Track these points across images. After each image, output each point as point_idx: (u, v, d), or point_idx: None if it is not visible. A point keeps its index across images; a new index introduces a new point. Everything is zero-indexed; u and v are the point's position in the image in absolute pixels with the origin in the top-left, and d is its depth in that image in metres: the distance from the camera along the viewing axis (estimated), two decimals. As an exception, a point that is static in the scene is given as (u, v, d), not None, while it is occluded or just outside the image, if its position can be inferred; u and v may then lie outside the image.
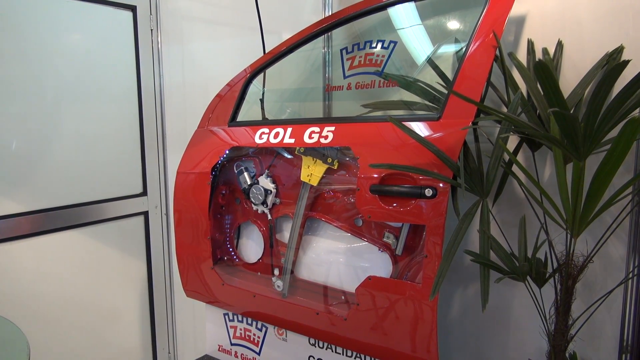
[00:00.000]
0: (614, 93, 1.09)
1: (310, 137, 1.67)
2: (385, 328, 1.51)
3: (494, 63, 1.45)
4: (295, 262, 1.85)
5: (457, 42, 1.74)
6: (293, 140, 1.71)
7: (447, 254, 1.29)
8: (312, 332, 1.73)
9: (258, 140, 1.80)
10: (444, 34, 1.81)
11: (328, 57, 2.20)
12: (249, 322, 1.98)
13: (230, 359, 2.07)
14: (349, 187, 1.71)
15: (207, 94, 2.11)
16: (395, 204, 1.44)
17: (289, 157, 1.87)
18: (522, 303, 1.78)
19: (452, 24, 1.80)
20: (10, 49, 1.91)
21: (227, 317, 2.05)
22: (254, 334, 1.97)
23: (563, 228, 1.29)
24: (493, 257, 1.39)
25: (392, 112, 1.89)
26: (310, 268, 1.85)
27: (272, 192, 1.85)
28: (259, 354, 1.97)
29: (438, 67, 1.65)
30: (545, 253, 1.46)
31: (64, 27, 2.08)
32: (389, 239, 1.63)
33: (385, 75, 1.78)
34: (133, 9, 2.30)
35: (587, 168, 1.17)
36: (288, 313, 1.76)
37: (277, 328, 1.89)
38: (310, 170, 1.73)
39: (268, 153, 1.93)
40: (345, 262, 1.77)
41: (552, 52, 1.62)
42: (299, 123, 1.74)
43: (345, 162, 1.71)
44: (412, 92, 1.72)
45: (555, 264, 1.40)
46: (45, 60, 2.03)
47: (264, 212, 1.90)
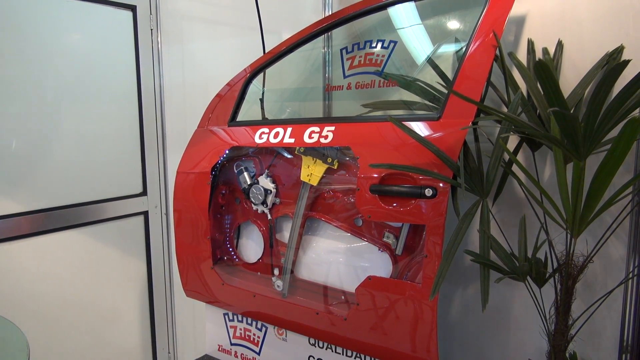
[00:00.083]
0: (614, 93, 1.09)
1: (310, 137, 1.67)
2: (385, 328, 1.50)
3: (494, 63, 1.45)
4: (295, 262, 1.85)
5: (457, 41, 1.74)
6: (293, 140, 1.71)
7: (447, 254, 1.29)
8: (312, 332, 1.73)
9: (258, 140, 1.80)
10: (444, 34, 1.81)
11: (328, 56, 2.20)
12: (249, 322, 1.98)
13: (230, 359, 2.07)
14: (349, 187, 1.71)
15: (207, 94, 2.11)
16: (395, 204, 1.44)
17: (289, 156, 1.86)
18: (522, 303, 1.78)
19: (452, 24, 1.80)
20: (10, 49, 1.91)
21: (227, 317, 2.05)
22: (254, 334, 1.97)
23: (563, 228, 1.29)
24: (493, 257, 1.39)
25: (392, 111, 1.88)
26: (310, 268, 1.85)
27: (272, 192, 1.85)
28: (259, 354, 1.97)
29: (438, 66, 1.65)
30: (545, 253, 1.46)
31: (64, 27, 2.08)
32: (389, 239, 1.63)
33: (385, 75, 1.78)
34: (133, 9, 2.30)
35: (587, 168, 1.17)
36: (288, 313, 1.76)
37: (277, 328, 1.89)
38: (310, 170, 1.73)
39: (268, 153, 1.93)
40: (345, 262, 1.76)
41: (552, 51, 1.62)
42: (299, 123, 1.74)
43: (345, 162, 1.71)
44: (412, 92, 1.72)
45: (555, 264, 1.40)
46: (45, 60, 2.02)
47: (264, 212, 1.90)
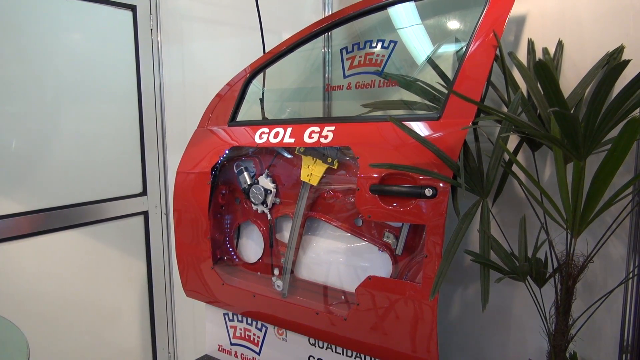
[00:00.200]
0: (615, 93, 1.09)
1: (310, 136, 1.67)
2: (385, 328, 1.50)
3: (494, 63, 1.45)
4: (295, 262, 1.85)
5: (457, 41, 1.74)
6: (293, 140, 1.71)
7: (447, 254, 1.29)
8: (312, 332, 1.73)
9: (258, 140, 1.80)
10: (444, 34, 1.81)
11: (328, 56, 2.20)
12: (249, 322, 1.98)
13: (230, 359, 2.07)
14: (349, 186, 1.71)
15: (207, 94, 2.10)
16: (395, 204, 1.44)
17: (289, 156, 1.86)
18: (522, 303, 1.78)
19: (452, 24, 1.80)
20: (10, 49, 1.91)
21: (227, 317, 2.05)
22: (254, 334, 1.97)
23: (563, 228, 1.29)
24: (493, 257, 1.39)
25: (392, 111, 1.88)
26: (310, 268, 1.85)
27: (272, 191, 1.85)
28: (259, 354, 1.97)
29: (438, 66, 1.65)
30: (546, 253, 1.46)
31: (64, 27, 2.08)
32: (389, 239, 1.62)
33: (385, 75, 1.78)
34: (133, 9, 2.30)
35: (587, 168, 1.17)
36: (288, 313, 1.76)
37: (277, 328, 1.89)
38: (310, 170, 1.73)
39: (268, 153, 1.93)
40: (345, 262, 1.76)
41: (552, 51, 1.61)
42: (299, 123, 1.74)
43: (345, 161, 1.71)
44: (412, 91, 1.72)
45: (556, 264, 1.40)
46: (45, 60, 2.02)
47: (264, 211, 1.90)
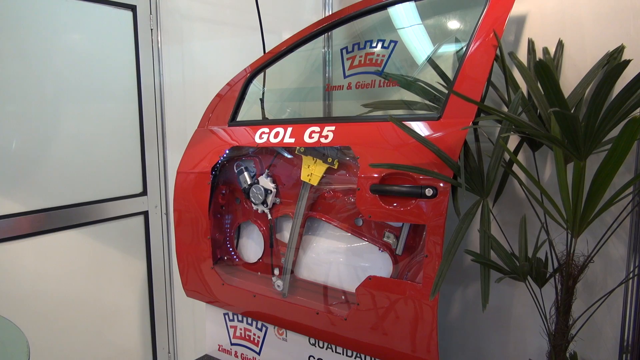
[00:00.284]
0: (615, 93, 1.09)
1: (311, 136, 1.67)
2: (386, 328, 1.50)
3: (495, 62, 1.45)
4: (296, 262, 1.85)
5: (457, 41, 1.74)
6: (293, 140, 1.71)
7: (447, 254, 1.29)
8: (312, 332, 1.73)
9: (258, 140, 1.80)
10: (445, 34, 1.81)
11: (328, 56, 2.20)
12: (249, 321, 1.98)
13: (231, 359, 2.07)
14: (349, 186, 1.71)
15: (207, 94, 2.10)
16: (396, 204, 1.44)
17: (289, 156, 1.86)
18: (522, 303, 1.78)
19: (452, 24, 1.80)
20: (10, 49, 1.91)
21: (227, 316, 2.05)
22: (254, 334, 1.97)
23: (563, 228, 1.29)
24: (493, 257, 1.39)
25: (392, 111, 1.88)
26: (311, 268, 1.85)
27: (272, 191, 1.85)
28: (259, 354, 1.97)
29: (438, 66, 1.65)
30: (546, 253, 1.46)
31: (64, 27, 2.08)
32: (389, 239, 1.63)
33: (386, 75, 1.78)
34: (133, 9, 2.30)
35: (587, 168, 1.17)
36: (288, 313, 1.76)
37: (277, 328, 1.89)
38: (311, 170, 1.73)
39: (268, 153, 1.93)
40: (346, 262, 1.76)
41: (552, 51, 1.61)
42: (299, 123, 1.74)
43: (346, 161, 1.71)
44: (412, 91, 1.72)
45: (556, 264, 1.40)
46: (45, 60, 2.02)
47: (264, 211, 1.90)
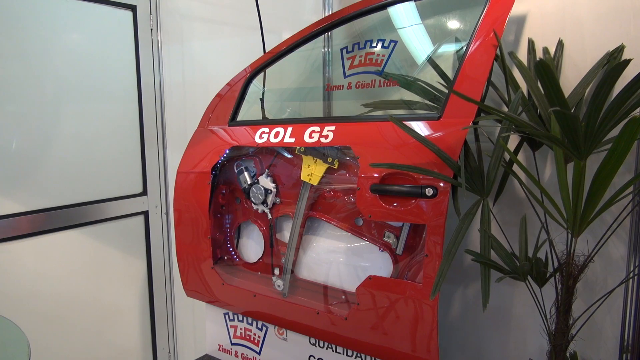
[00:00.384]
0: (615, 92, 1.09)
1: (311, 136, 1.67)
2: (386, 328, 1.50)
3: (495, 62, 1.45)
4: (296, 261, 1.85)
5: (457, 41, 1.74)
6: (293, 140, 1.71)
7: (447, 254, 1.29)
8: (312, 331, 1.73)
9: (258, 140, 1.80)
10: (445, 34, 1.81)
11: (328, 56, 2.20)
12: (249, 321, 1.98)
13: (231, 359, 2.07)
14: (350, 186, 1.71)
15: (207, 94, 2.10)
16: (396, 204, 1.44)
17: (289, 156, 1.86)
18: (522, 303, 1.78)
19: (452, 24, 1.80)
20: (10, 49, 1.91)
21: (227, 316, 2.05)
22: (254, 334, 1.97)
23: (564, 227, 1.29)
24: (494, 256, 1.39)
25: (392, 111, 1.88)
26: (311, 268, 1.85)
27: (272, 191, 1.85)
28: (259, 354, 1.97)
29: (438, 66, 1.65)
30: (546, 252, 1.46)
31: (64, 27, 2.08)
32: (390, 239, 1.63)
33: (386, 75, 1.78)
34: (133, 9, 2.30)
35: (587, 167, 1.17)
36: (288, 313, 1.76)
37: (277, 328, 1.89)
38: (311, 170, 1.73)
39: (268, 152, 1.93)
40: (346, 261, 1.76)
41: (552, 51, 1.61)
42: (299, 122, 1.74)
43: (346, 161, 1.71)
44: (412, 91, 1.72)
45: (556, 264, 1.40)
46: (45, 60, 2.02)
47: (264, 211, 1.90)
